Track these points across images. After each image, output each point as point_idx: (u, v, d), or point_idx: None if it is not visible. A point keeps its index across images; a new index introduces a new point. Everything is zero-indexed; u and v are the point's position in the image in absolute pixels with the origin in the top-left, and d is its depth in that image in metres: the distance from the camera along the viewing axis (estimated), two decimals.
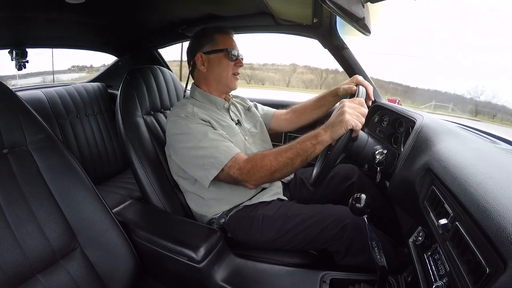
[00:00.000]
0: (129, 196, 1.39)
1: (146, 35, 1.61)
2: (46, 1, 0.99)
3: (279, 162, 0.78)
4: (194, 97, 1.02)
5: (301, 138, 0.79)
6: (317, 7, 0.99)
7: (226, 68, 0.98)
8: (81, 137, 1.54)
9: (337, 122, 0.73)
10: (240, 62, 1.00)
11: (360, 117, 0.73)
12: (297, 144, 0.78)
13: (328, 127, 0.75)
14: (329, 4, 0.51)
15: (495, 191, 0.42)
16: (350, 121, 0.71)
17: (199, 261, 0.74)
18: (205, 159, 0.83)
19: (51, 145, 0.72)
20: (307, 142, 0.77)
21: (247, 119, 1.12)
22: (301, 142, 0.78)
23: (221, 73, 0.99)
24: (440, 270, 0.54)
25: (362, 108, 0.75)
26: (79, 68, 5.40)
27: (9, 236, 0.60)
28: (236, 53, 0.98)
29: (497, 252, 0.35)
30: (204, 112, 0.93)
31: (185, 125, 0.87)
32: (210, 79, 1.00)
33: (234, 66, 0.99)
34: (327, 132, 0.75)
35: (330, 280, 0.71)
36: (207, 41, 0.99)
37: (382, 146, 0.92)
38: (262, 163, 0.79)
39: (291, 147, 0.78)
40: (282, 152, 0.79)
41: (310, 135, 0.77)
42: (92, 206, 0.73)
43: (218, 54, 0.97)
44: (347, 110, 0.73)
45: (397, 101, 1.34)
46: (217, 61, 0.98)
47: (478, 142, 0.74)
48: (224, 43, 0.98)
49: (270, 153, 0.80)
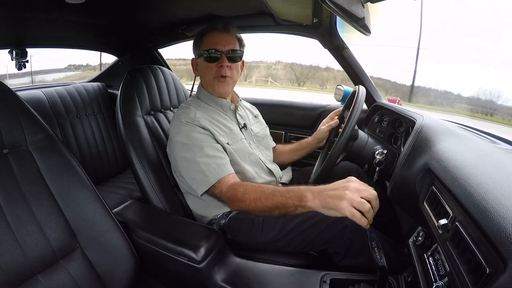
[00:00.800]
0: (129, 196, 1.39)
1: (146, 35, 1.60)
2: (46, 1, 0.99)
3: (256, 206, 0.76)
4: (200, 98, 1.01)
5: (287, 190, 0.72)
6: (317, 7, 0.99)
7: (207, 71, 0.95)
8: (81, 137, 1.54)
9: (332, 203, 0.63)
10: (222, 62, 0.92)
11: (363, 204, 0.60)
12: (280, 197, 0.72)
13: (321, 196, 0.65)
14: (329, 4, 0.51)
15: (495, 191, 0.42)
16: (345, 210, 0.60)
17: (199, 261, 0.74)
18: (196, 174, 0.85)
19: (51, 145, 0.72)
20: (289, 201, 0.71)
21: (254, 123, 1.12)
22: (285, 197, 0.71)
23: (205, 77, 0.97)
24: (440, 270, 0.54)
25: (369, 190, 0.62)
26: (75, 67, 5.43)
27: (9, 236, 0.60)
28: (217, 53, 0.91)
29: (497, 252, 0.35)
30: (207, 117, 0.92)
31: (184, 134, 0.87)
32: (203, 84, 1.01)
33: (216, 68, 0.93)
34: (315, 200, 0.66)
35: (330, 280, 0.71)
36: (195, 44, 0.99)
37: (382, 146, 0.92)
38: (242, 198, 0.78)
39: (273, 196, 0.73)
40: (262, 199, 0.75)
41: (297, 195, 0.70)
42: (92, 206, 0.73)
43: (201, 57, 0.95)
44: (348, 195, 0.60)
45: (397, 101, 1.34)
46: (201, 65, 0.97)
47: (478, 142, 0.74)
48: (207, 43, 0.94)
49: (252, 191, 0.77)
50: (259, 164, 1.00)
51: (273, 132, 1.24)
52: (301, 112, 1.54)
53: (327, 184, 0.68)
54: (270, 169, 1.02)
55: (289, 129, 1.57)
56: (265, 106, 1.41)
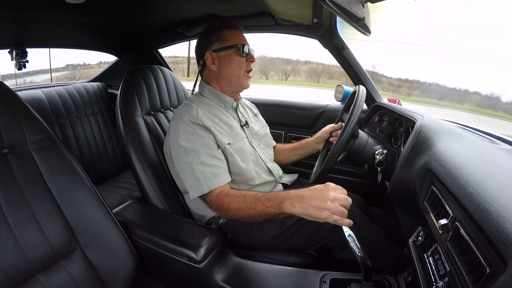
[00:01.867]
0: (129, 196, 1.39)
1: (146, 35, 1.61)
2: (46, 1, 0.99)
3: (241, 215, 0.79)
4: (203, 94, 0.99)
5: (268, 198, 0.74)
6: (317, 7, 0.99)
7: (238, 65, 0.94)
8: (81, 137, 1.54)
9: (315, 213, 0.66)
10: (252, 58, 0.96)
11: (343, 212, 0.65)
12: (261, 206, 0.74)
13: (302, 205, 0.68)
14: (329, 4, 0.51)
15: (495, 191, 0.42)
16: (328, 218, 0.65)
17: (199, 261, 0.74)
18: (190, 179, 0.85)
19: (51, 145, 0.72)
20: (270, 210, 0.73)
21: (255, 122, 1.12)
22: (266, 207, 0.74)
23: (233, 71, 0.95)
24: (440, 270, 0.54)
25: (347, 199, 0.67)
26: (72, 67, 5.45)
27: (9, 236, 0.60)
28: (247, 48, 0.94)
29: (497, 252, 0.35)
30: (209, 115, 0.91)
31: (184, 136, 0.86)
32: (221, 78, 0.97)
33: (246, 63, 0.95)
34: (295, 208, 0.68)
35: (330, 280, 0.71)
36: (216, 38, 0.94)
37: (382, 146, 0.92)
38: (228, 207, 0.80)
39: (255, 205, 0.75)
40: (245, 209, 0.77)
41: (275, 203, 0.72)
42: (92, 206, 0.73)
43: (228, 51, 0.93)
44: (329, 206, 0.65)
45: (397, 101, 1.34)
46: (228, 59, 0.94)
47: (478, 142, 0.74)
48: (234, 38, 0.94)
49: (236, 201, 0.79)
50: (259, 163, 1.00)
51: (273, 132, 1.24)
52: (301, 112, 1.54)
53: (306, 190, 0.70)
54: (270, 169, 1.02)
55: (289, 129, 1.57)
56: (265, 106, 1.41)
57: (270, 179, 1.01)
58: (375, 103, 1.23)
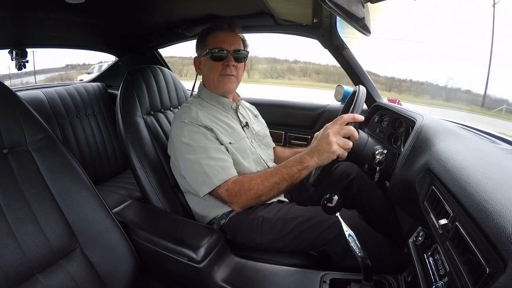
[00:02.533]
0: (129, 196, 1.39)
1: (146, 35, 1.61)
2: (46, 1, 0.99)
3: (265, 187, 0.80)
4: (201, 97, 1.01)
5: (286, 162, 0.81)
6: (317, 7, 0.99)
7: (212, 69, 0.95)
8: (81, 137, 1.54)
9: (324, 151, 0.75)
10: (228, 61, 0.93)
11: (347, 143, 0.75)
12: (283, 169, 0.80)
13: (314, 153, 0.77)
14: (329, 4, 0.51)
15: (495, 191, 0.42)
16: (337, 151, 0.74)
17: (199, 261, 0.74)
18: (199, 176, 0.84)
19: (51, 145, 0.72)
20: (293, 168, 0.78)
21: (255, 122, 1.12)
22: (287, 167, 0.79)
23: (209, 76, 0.97)
24: (440, 270, 0.54)
25: (345, 129, 0.76)
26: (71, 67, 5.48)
27: (9, 236, 0.60)
28: (224, 52, 0.92)
29: (497, 252, 0.35)
30: (209, 116, 0.92)
31: (188, 135, 0.86)
32: (205, 82, 1.01)
33: (222, 66, 0.94)
34: (313, 158, 0.77)
35: (330, 280, 0.71)
36: (199, 43, 0.98)
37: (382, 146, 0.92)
38: (250, 186, 0.81)
39: (277, 171, 0.80)
40: (268, 177, 0.81)
41: (296, 160, 0.79)
42: (92, 206, 0.73)
43: (205, 56, 0.95)
44: (332, 140, 0.74)
45: (397, 101, 1.34)
46: (204, 63, 0.97)
47: (478, 142, 0.74)
48: (212, 42, 0.94)
49: (257, 177, 0.82)
50: (260, 163, 1.00)
51: (273, 132, 1.24)
52: (301, 112, 1.54)
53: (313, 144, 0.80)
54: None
55: (289, 129, 1.57)
56: (264, 106, 1.41)
57: None
58: (375, 103, 1.23)
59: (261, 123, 1.16)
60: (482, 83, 6.58)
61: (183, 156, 0.87)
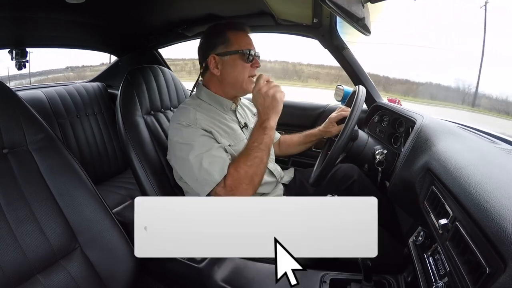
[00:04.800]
0: (129, 196, 1.39)
1: (146, 35, 1.60)
2: (46, 1, 0.99)
3: (251, 165, 0.80)
4: (200, 97, 0.97)
5: (251, 136, 0.85)
6: (317, 7, 0.99)
7: (242, 71, 0.91)
8: (81, 137, 1.54)
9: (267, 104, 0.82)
10: (257, 63, 0.93)
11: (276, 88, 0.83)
12: (254, 143, 0.82)
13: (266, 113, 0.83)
14: (329, 4, 0.51)
15: (495, 191, 0.42)
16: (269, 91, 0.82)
17: (199, 261, 0.74)
18: (200, 175, 0.83)
19: (51, 145, 0.72)
20: (262, 136, 0.82)
21: (254, 122, 1.10)
22: (256, 139, 0.83)
23: (237, 77, 0.92)
24: (440, 270, 0.54)
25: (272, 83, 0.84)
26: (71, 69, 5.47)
27: (9, 236, 0.60)
28: (253, 53, 0.91)
29: (497, 252, 0.35)
30: (208, 118, 0.90)
31: (186, 135, 0.85)
32: (224, 83, 0.94)
33: (250, 68, 0.92)
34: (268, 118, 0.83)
35: (330, 280, 0.71)
36: (220, 41, 0.91)
37: (382, 146, 0.92)
38: (239, 173, 0.81)
39: (251, 148, 0.83)
40: (247, 156, 0.82)
41: (258, 129, 0.84)
42: (92, 206, 0.73)
43: (233, 55, 0.90)
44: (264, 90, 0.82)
45: (397, 101, 1.34)
46: (231, 63, 0.91)
47: (478, 142, 0.74)
48: (239, 42, 0.91)
49: (238, 161, 0.83)
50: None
51: None
52: (301, 112, 1.54)
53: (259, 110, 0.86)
54: (271, 170, 1.01)
55: (289, 129, 1.57)
56: None
57: (271, 180, 1.01)
58: (375, 103, 1.23)
59: None
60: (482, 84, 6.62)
61: (182, 157, 0.86)
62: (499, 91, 6.15)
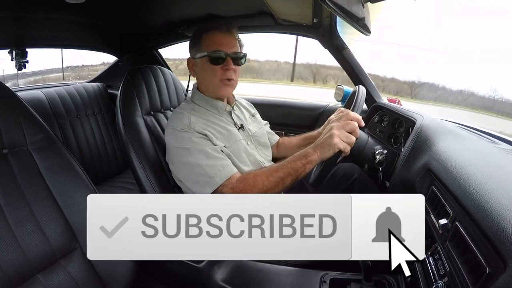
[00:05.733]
0: None
1: (146, 35, 1.61)
2: (46, 1, 0.99)
3: (270, 182, 0.79)
4: (194, 101, 0.97)
5: (291, 157, 0.80)
6: (317, 7, 0.99)
7: (211, 73, 0.90)
8: (81, 137, 1.54)
9: (326, 144, 0.74)
10: (228, 65, 0.88)
11: (350, 138, 0.74)
12: (288, 164, 0.79)
13: (318, 148, 0.77)
14: (329, 4, 0.51)
15: (495, 191, 0.42)
16: (339, 144, 0.73)
17: (199, 261, 0.74)
18: (200, 177, 0.82)
19: (51, 145, 0.72)
20: (297, 162, 0.78)
21: (252, 123, 1.10)
22: (292, 162, 0.79)
23: (208, 81, 0.92)
24: (440, 270, 0.54)
25: (350, 124, 0.75)
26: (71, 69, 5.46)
27: (9, 236, 0.60)
28: (223, 55, 0.88)
29: (497, 252, 0.35)
30: (202, 121, 0.90)
31: (182, 139, 0.85)
32: (201, 85, 0.96)
33: (222, 71, 0.89)
34: (316, 152, 0.77)
35: (330, 280, 0.71)
36: (194, 43, 0.93)
37: (382, 146, 0.92)
38: (254, 182, 0.79)
39: (282, 166, 0.79)
40: (273, 172, 0.79)
41: (301, 155, 0.79)
42: None
43: (201, 58, 0.90)
44: (335, 133, 0.74)
45: (397, 101, 1.34)
46: (201, 67, 0.91)
47: (478, 142, 0.74)
48: (208, 44, 0.89)
49: (262, 173, 0.81)
50: (258, 164, 0.99)
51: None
52: (301, 112, 1.54)
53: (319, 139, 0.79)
54: None
55: (289, 129, 1.57)
56: (264, 106, 1.40)
57: None
58: (375, 103, 1.23)
59: (258, 122, 1.15)
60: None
61: (181, 161, 0.85)
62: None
